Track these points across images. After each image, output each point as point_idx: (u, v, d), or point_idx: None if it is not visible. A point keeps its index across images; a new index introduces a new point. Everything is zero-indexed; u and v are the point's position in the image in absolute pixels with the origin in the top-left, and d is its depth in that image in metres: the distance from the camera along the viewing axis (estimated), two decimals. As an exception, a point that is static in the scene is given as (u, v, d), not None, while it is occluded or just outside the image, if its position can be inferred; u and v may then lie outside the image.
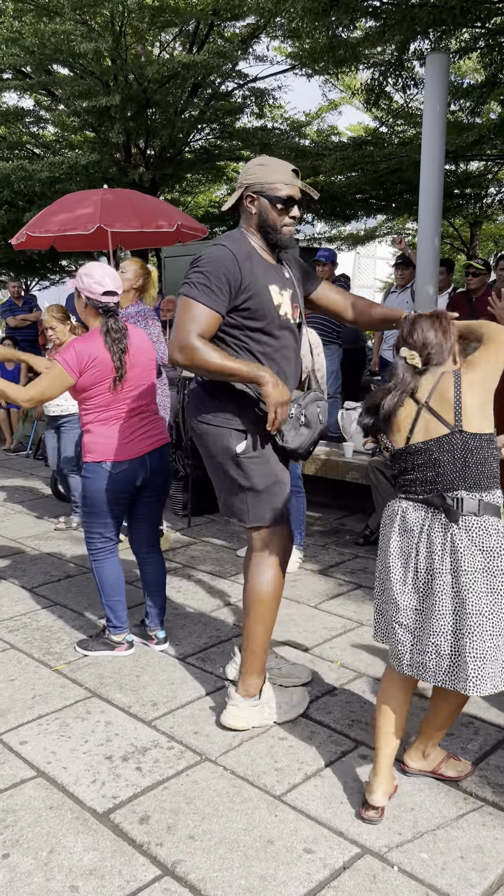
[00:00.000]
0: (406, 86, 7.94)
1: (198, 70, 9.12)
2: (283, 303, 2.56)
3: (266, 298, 2.52)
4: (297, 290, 2.67)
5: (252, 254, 2.54)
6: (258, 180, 2.51)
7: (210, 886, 1.97)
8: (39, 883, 2.00)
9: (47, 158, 9.78)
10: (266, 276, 2.54)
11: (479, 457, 2.09)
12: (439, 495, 2.10)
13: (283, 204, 2.50)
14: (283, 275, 2.62)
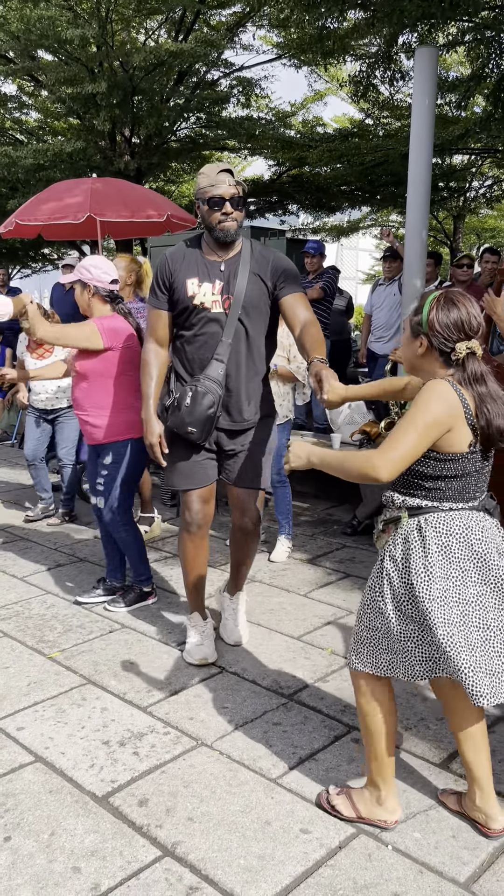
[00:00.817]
0: (393, 78, 7.96)
1: (184, 58, 9.07)
2: (200, 294, 2.88)
3: (182, 290, 2.90)
4: (235, 284, 2.87)
5: (191, 253, 2.94)
6: (197, 188, 2.86)
7: (210, 866, 2.02)
8: (42, 864, 2.03)
9: (31, 145, 9.70)
10: (189, 271, 2.88)
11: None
12: (490, 497, 2.06)
13: (210, 204, 2.81)
14: (217, 269, 2.90)
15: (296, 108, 12.45)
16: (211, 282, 2.89)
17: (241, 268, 2.89)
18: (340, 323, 8.14)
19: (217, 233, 2.85)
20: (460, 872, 2.00)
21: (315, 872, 2.00)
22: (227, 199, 2.79)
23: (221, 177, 2.80)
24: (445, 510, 1.98)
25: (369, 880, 1.97)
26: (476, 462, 1.97)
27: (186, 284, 2.89)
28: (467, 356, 1.95)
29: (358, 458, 1.90)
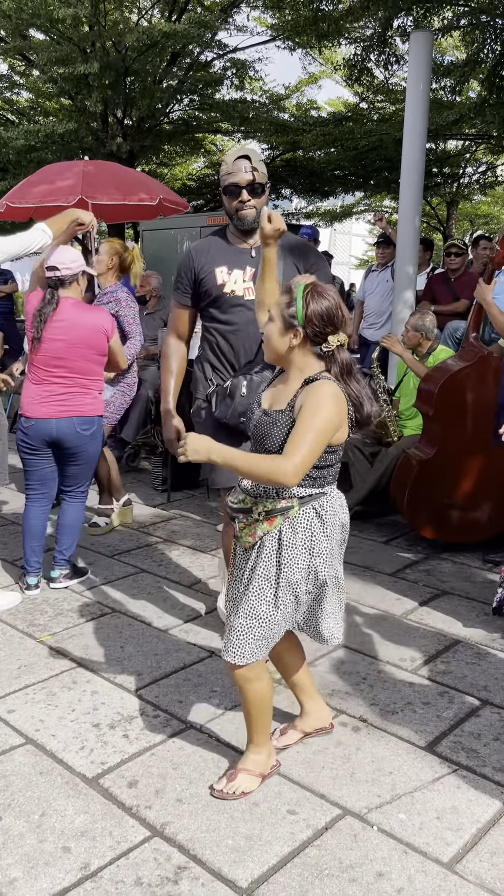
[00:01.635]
0: (388, 62, 7.91)
1: (177, 39, 8.99)
2: (230, 282, 2.83)
3: (210, 280, 2.86)
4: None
5: (218, 242, 2.90)
6: (220, 176, 2.81)
7: (198, 846, 2.05)
8: (32, 844, 2.06)
9: (22, 126, 9.61)
10: (218, 260, 2.85)
11: None
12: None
13: (227, 192, 2.79)
14: (248, 255, 2.86)
15: (290, 91, 12.38)
16: (241, 269, 2.85)
17: (281, 257, 2.80)
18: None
19: (237, 221, 2.82)
20: (444, 853, 2.04)
21: (301, 852, 2.04)
22: (242, 186, 2.75)
23: (239, 164, 2.75)
24: (327, 493, 2.14)
25: (355, 860, 2.01)
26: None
27: (215, 273, 2.85)
28: (337, 347, 2.04)
29: (265, 462, 1.93)
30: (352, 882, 1.94)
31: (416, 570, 4.07)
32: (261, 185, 2.78)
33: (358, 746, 2.50)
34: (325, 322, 2.00)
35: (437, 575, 4.01)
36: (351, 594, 3.74)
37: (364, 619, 3.46)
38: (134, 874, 1.96)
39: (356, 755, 2.46)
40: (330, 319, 2.00)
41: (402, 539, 4.57)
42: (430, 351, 4.76)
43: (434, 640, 3.27)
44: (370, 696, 2.81)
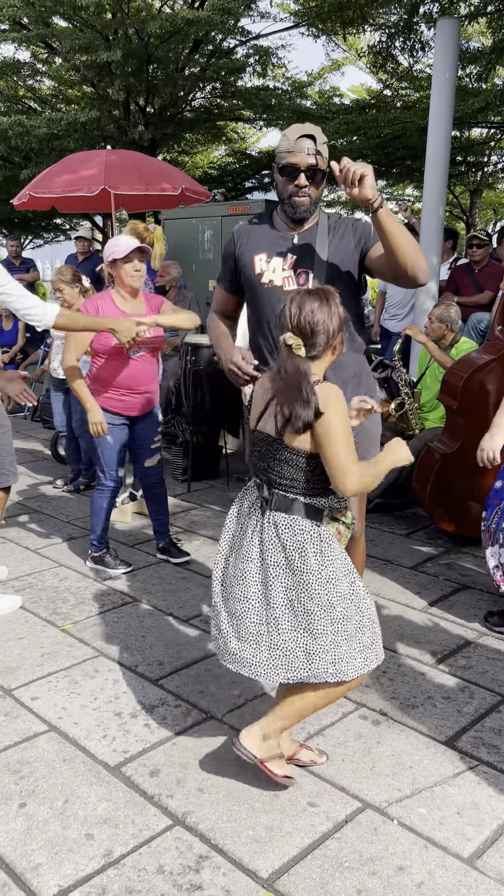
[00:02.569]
0: (413, 49, 7.82)
1: (200, 26, 8.93)
2: (269, 271, 2.58)
3: (248, 268, 2.62)
4: (314, 259, 2.55)
5: (260, 226, 2.65)
6: (277, 151, 2.51)
7: (219, 836, 2.07)
8: (56, 831, 2.09)
9: (45, 114, 9.61)
10: (257, 246, 2.61)
11: (298, 467, 2.09)
12: (260, 485, 2.19)
13: (283, 173, 2.47)
14: (290, 242, 2.58)
15: (312, 78, 12.27)
16: (282, 256, 2.57)
17: (318, 240, 2.55)
18: (354, 299, 8.07)
19: (287, 206, 2.52)
20: (464, 848, 2.04)
21: (322, 844, 2.05)
22: (302, 169, 2.43)
23: (302, 143, 2.42)
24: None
25: (375, 853, 2.02)
26: None
27: (254, 261, 2.60)
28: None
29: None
30: (372, 875, 1.95)
31: (437, 564, 4.06)
32: (322, 173, 2.48)
33: (378, 740, 2.51)
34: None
35: (457, 569, 3.99)
36: (371, 587, 3.74)
37: (384, 613, 3.46)
38: (156, 862, 1.98)
39: (376, 748, 2.46)
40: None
41: (422, 532, 4.56)
42: (453, 343, 4.72)
43: (454, 634, 3.26)
44: (390, 690, 2.81)
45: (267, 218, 2.67)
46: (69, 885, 1.91)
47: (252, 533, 2.18)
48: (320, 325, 2.06)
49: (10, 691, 2.76)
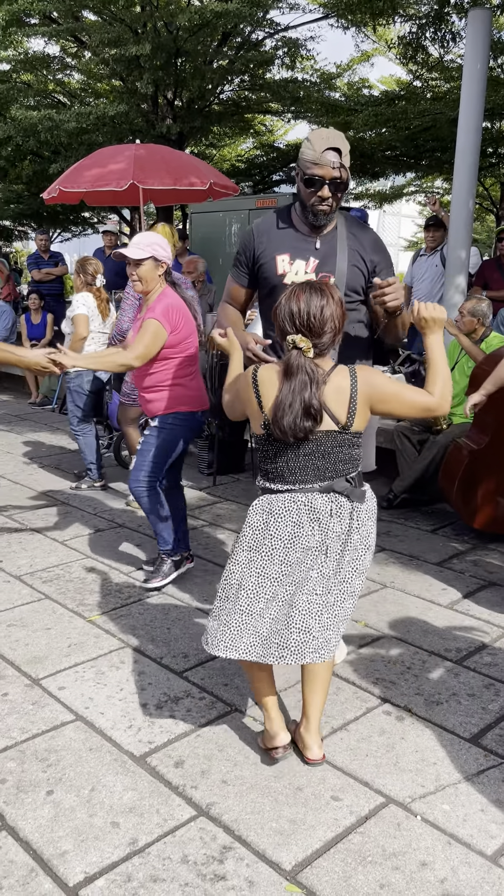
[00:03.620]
0: (444, 39, 7.73)
1: (229, 19, 8.90)
2: (291, 272, 2.64)
3: (270, 267, 2.67)
4: (335, 263, 2.63)
5: (281, 226, 2.69)
6: (300, 156, 2.57)
7: (243, 827, 2.09)
8: (82, 818, 2.12)
9: (74, 109, 9.66)
10: (280, 246, 2.67)
11: (356, 446, 2.22)
12: (345, 479, 2.21)
13: (307, 183, 2.54)
14: (312, 246, 2.65)
15: (341, 70, 12.17)
16: (304, 259, 2.64)
17: (339, 245, 2.64)
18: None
19: (309, 213, 2.60)
20: (488, 845, 2.04)
21: (345, 838, 2.06)
22: (326, 181, 2.50)
23: (327, 156, 2.48)
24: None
25: (398, 848, 2.02)
26: None
27: (276, 261, 2.66)
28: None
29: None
30: (395, 870, 1.95)
31: (463, 561, 4.04)
32: (345, 184, 2.54)
33: (402, 736, 2.51)
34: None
35: (484, 566, 3.97)
36: (396, 583, 3.74)
37: (409, 609, 3.45)
38: (180, 852, 2.01)
39: (400, 744, 2.47)
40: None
41: (448, 528, 4.53)
42: (483, 337, 4.68)
43: (480, 631, 3.25)
44: (415, 686, 2.81)
45: (286, 216, 2.70)
46: (95, 873, 1.94)
47: (340, 527, 2.20)
48: (329, 321, 2.08)
49: (38, 681, 2.81)
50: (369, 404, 2.16)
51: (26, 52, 10.70)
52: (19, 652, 3.01)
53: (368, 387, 2.14)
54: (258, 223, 2.76)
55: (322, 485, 2.19)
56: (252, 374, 2.19)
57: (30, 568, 3.84)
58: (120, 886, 1.90)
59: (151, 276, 3.41)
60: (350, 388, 2.12)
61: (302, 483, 2.19)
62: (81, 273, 5.11)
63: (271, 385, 2.14)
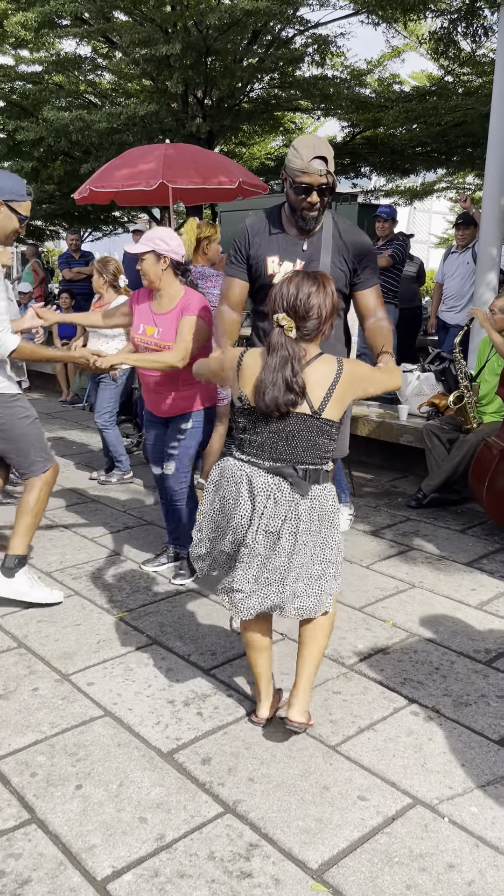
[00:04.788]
0: (476, 34, 7.63)
1: (259, 17, 8.89)
2: (280, 273, 2.77)
3: (261, 267, 2.83)
4: (316, 263, 2.78)
5: (272, 227, 2.84)
6: (287, 163, 2.70)
7: (269, 826, 2.10)
8: (111, 813, 2.15)
9: (105, 109, 9.73)
10: (270, 248, 2.81)
11: (329, 436, 2.24)
12: (292, 467, 2.22)
13: (296, 191, 2.69)
14: (300, 248, 2.81)
15: (372, 66, 12.08)
16: (292, 261, 2.81)
17: (323, 247, 2.79)
18: (411, 290, 7.98)
19: (297, 217, 2.77)
20: (516, 849, 2.02)
21: (371, 838, 2.06)
22: (314, 188, 2.67)
23: (314, 165, 2.64)
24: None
25: (425, 850, 2.02)
26: None
27: (266, 262, 2.82)
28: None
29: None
30: (422, 871, 1.94)
31: (494, 561, 4.00)
32: (331, 189, 2.70)
33: (430, 737, 2.50)
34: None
35: (514, 566, 3.93)
36: (425, 583, 3.71)
37: (438, 609, 3.43)
38: (207, 848, 2.02)
39: (428, 745, 2.45)
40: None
41: (478, 528, 4.49)
42: (513, 336, 4.61)
43: (510, 632, 3.21)
44: (443, 687, 2.79)
45: (276, 218, 2.84)
46: (122, 867, 1.96)
47: (276, 511, 2.22)
48: (315, 309, 2.16)
49: (68, 676, 2.84)
50: (348, 396, 2.23)
51: (58, 54, 10.80)
52: (49, 647, 3.05)
53: (350, 381, 2.22)
54: (251, 223, 2.89)
55: (271, 465, 2.23)
56: (239, 357, 2.28)
57: (60, 565, 3.89)
58: (147, 881, 1.91)
59: (154, 271, 3.37)
60: (333, 377, 2.19)
61: (256, 457, 2.26)
62: (103, 273, 5.14)
63: (254, 366, 2.22)
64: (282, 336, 2.16)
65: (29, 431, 3.31)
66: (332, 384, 2.19)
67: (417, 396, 5.64)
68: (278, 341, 2.16)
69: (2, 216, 3.09)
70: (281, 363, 2.13)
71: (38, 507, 3.37)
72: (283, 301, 2.17)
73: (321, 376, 2.19)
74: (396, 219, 6.95)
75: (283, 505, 2.22)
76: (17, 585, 3.32)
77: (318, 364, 2.20)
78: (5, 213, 3.09)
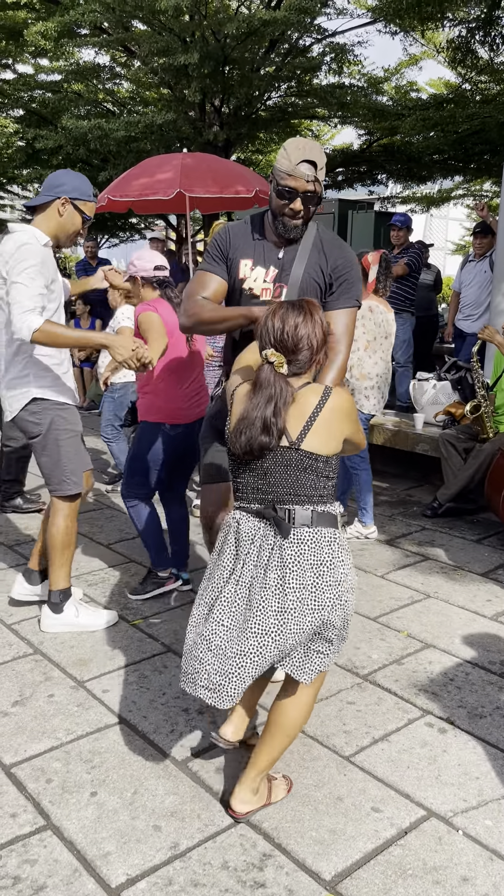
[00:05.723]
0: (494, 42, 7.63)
1: (277, 26, 8.95)
2: (251, 278, 2.57)
3: (234, 270, 2.61)
4: (290, 274, 2.55)
5: (252, 231, 2.63)
6: (276, 164, 2.49)
7: (283, 836, 2.10)
8: (125, 821, 2.16)
9: (123, 117, 9.81)
10: (245, 251, 2.60)
11: (318, 473, 2.01)
12: (271, 506, 2.02)
13: (279, 195, 2.46)
14: (275, 255, 2.59)
15: (389, 74, 12.11)
16: (265, 267, 2.58)
17: (298, 256, 2.56)
18: (428, 298, 7.98)
19: (278, 223, 2.52)
20: (531, 863, 2.01)
21: (385, 850, 2.05)
22: (299, 193, 2.44)
23: (302, 168, 2.42)
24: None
25: (439, 863, 2.01)
26: None
27: (240, 265, 2.60)
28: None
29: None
30: (436, 884, 1.94)
31: (509, 571, 3.98)
32: (318, 198, 2.48)
33: (444, 749, 2.49)
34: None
35: (530, 577, 3.91)
36: (440, 593, 3.70)
37: (453, 620, 3.42)
38: (221, 857, 2.03)
39: (442, 757, 2.45)
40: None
41: (494, 538, 4.47)
42: (530, 345, 4.60)
43: (526, 644, 3.20)
44: (457, 698, 2.78)
45: (259, 223, 2.64)
46: (137, 875, 1.97)
47: (259, 558, 2.01)
48: (304, 340, 2.00)
49: (83, 683, 2.86)
50: (335, 426, 2.01)
51: (77, 63, 10.91)
52: (65, 654, 3.07)
53: (339, 409, 2.01)
54: (233, 225, 2.70)
55: (257, 507, 2.04)
56: (233, 389, 2.12)
57: (76, 571, 3.91)
58: (161, 890, 1.92)
59: (135, 292, 3.55)
60: (315, 406, 1.98)
61: (245, 501, 2.08)
62: (118, 292, 5.13)
63: (240, 403, 2.05)
64: (271, 373, 1.98)
65: (68, 446, 3.19)
66: (315, 412, 1.98)
67: (433, 405, 5.63)
68: (266, 378, 1.98)
69: (67, 214, 3.07)
70: (265, 401, 1.96)
71: (66, 538, 3.24)
72: (269, 336, 2.01)
73: (303, 406, 1.99)
74: (411, 227, 6.95)
75: (265, 551, 2.00)
76: (65, 619, 3.26)
77: (303, 393, 2.01)
78: (70, 210, 3.07)
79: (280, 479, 2.01)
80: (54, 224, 3.08)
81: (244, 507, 2.08)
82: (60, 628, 3.26)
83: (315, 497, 2.02)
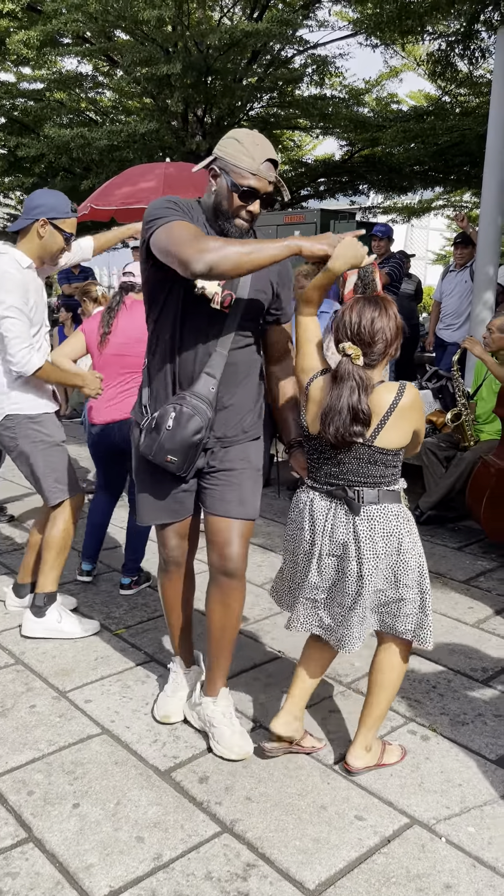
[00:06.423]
0: (473, 56, 7.74)
1: (259, 38, 9.02)
2: (199, 283, 2.26)
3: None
4: (239, 281, 2.31)
5: (195, 223, 2.25)
6: (228, 156, 2.22)
7: (267, 845, 2.10)
8: (108, 832, 2.14)
9: (106, 126, 9.83)
10: None
11: (386, 464, 2.22)
12: (342, 489, 2.24)
13: (241, 195, 2.22)
14: None
15: (370, 86, 12.24)
16: None
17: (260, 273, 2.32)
18: (409, 308, 8.04)
19: (230, 226, 2.27)
20: (513, 869, 2.02)
21: (369, 859, 2.06)
22: (261, 195, 2.24)
23: (266, 167, 2.21)
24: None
25: (422, 870, 2.02)
26: None
27: None
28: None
29: None
30: (419, 892, 1.94)
31: (491, 579, 4.01)
32: (272, 201, 2.29)
33: (427, 756, 2.50)
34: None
35: (511, 584, 3.94)
36: (422, 600, 3.72)
37: (435, 627, 3.43)
38: (204, 868, 2.02)
39: (425, 764, 2.46)
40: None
41: (475, 546, 4.50)
42: (510, 355, 4.65)
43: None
44: (440, 706, 2.80)
45: (200, 219, 2.30)
46: (120, 887, 1.96)
47: (334, 533, 2.26)
48: (380, 333, 2.15)
49: (65, 693, 2.84)
50: (406, 423, 2.18)
51: (60, 72, 10.92)
52: (47, 664, 3.05)
53: (410, 407, 2.16)
54: (180, 199, 2.31)
55: (328, 488, 2.27)
56: (309, 380, 2.29)
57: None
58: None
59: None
60: (389, 404, 2.15)
61: (319, 483, 2.30)
62: (87, 300, 5.12)
63: (319, 394, 2.24)
64: (349, 364, 2.13)
65: (43, 458, 3.19)
66: (389, 410, 2.15)
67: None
68: (346, 370, 2.13)
69: (47, 234, 3.08)
70: (349, 392, 2.11)
71: (62, 541, 3.26)
72: (346, 330, 2.15)
73: (379, 403, 2.15)
74: (392, 237, 7.01)
75: (339, 528, 2.24)
76: (47, 623, 3.25)
77: (378, 391, 2.16)
78: (49, 231, 3.08)
79: (352, 469, 2.22)
80: (36, 246, 3.11)
81: (316, 488, 2.31)
82: (42, 633, 3.24)
83: (383, 481, 2.24)
